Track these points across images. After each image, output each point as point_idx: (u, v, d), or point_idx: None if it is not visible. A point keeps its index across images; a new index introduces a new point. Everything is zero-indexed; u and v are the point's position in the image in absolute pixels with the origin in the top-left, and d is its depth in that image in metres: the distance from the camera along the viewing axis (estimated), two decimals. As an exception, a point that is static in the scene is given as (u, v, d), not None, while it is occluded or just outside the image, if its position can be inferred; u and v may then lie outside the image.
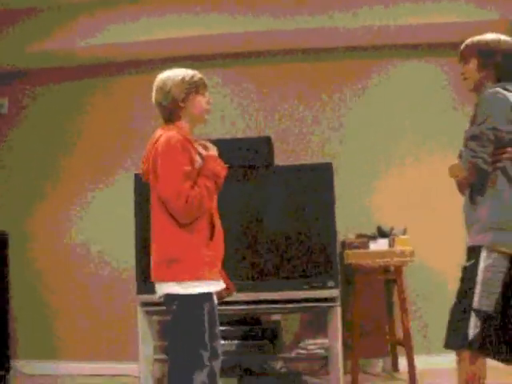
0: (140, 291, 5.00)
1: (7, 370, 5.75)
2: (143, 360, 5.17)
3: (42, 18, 5.79)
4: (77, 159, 6.20)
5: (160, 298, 3.29)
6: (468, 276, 3.11)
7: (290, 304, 4.99)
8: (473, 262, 3.11)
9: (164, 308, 3.28)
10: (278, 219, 5.17)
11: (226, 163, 3.38)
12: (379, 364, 5.60)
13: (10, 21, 5.82)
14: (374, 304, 3.71)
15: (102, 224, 6.09)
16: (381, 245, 5.15)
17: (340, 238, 5.33)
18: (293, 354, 5.25)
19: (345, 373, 5.08)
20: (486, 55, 3.25)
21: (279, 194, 5.17)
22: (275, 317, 5.52)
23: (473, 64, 3.27)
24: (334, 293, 4.96)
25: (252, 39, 5.68)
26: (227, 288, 3.47)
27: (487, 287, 3.05)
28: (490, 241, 3.08)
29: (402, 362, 5.28)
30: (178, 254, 3.14)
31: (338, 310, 4.96)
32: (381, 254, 5.10)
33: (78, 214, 6.17)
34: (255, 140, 5.50)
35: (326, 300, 4.95)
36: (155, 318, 5.23)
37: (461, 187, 3.35)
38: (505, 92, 3.13)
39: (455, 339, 3.11)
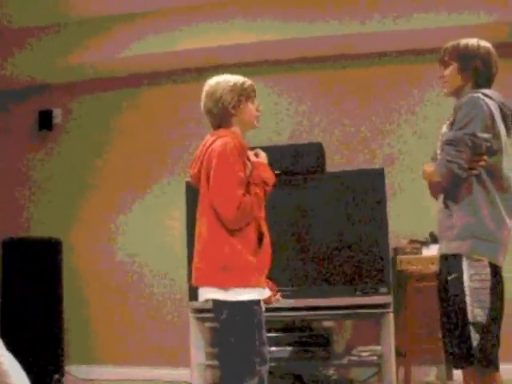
0: (192, 297, 5.01)
1: (62, 373, 5.82)
2: (195, 366, 5.20)
3: (83, 30, 5.93)
4: (122, 166, 6.28)
5: (204, 302, 3.30)
6: (454, 290, 3.07)
7: (341, 310, 4.97)
8: (456, 274, 3.06)
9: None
10: (330, 225, 5.15)
11: (276, 170, 3.37)
12: (433, 372, 5.53)
13: (51, 34, 5.98)
14: (427, 311, 3.66)
15: (151, 231, 6.14)
16: (433, 250, 5.08)
17: (392, 243, 5.28)
18: (345, 361, 5.22)
19: (397, 380, 5.04)
20: (466, 59, 3.21)
21: (331, 200, 5.15)
22: (327, 323, 5.49)
23: (453, 68, 3.23)
24: (387, 299, 4.92)
25: (302, 45, 5.67)
26: (273, 296, 3.46)
27: (477, 297, 3.01)
28: (469, 249, 3.05)
29: (458, 370, 5.20)
30: (226, 260, 3.13)
31: (391, 317, 4.93)
32: (433, 260, 5.02)
33: (126, 221, 6.25)
34: (307, 146, 5.49)
35: (378, 306, 4.92)
36: (207, 324, 5.25)
37: (433, 190, 3.31)
38: (485, 98, 3.08)
39: (461, 357, 3.07)
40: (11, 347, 3.77)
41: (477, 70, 3.20)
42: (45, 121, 6.41)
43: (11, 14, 5.73)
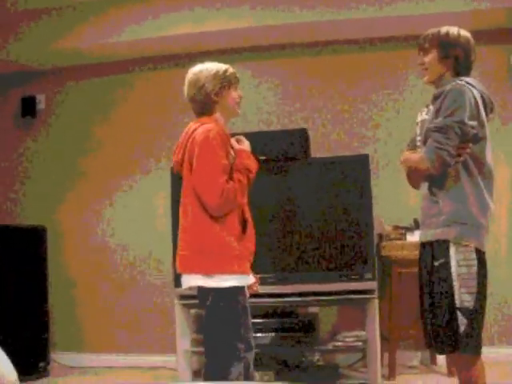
0: (177, 284, 5.00)
1: (47, 361, 5.82)
2: (181, 352, 5.20)
3: (71, 16, 5.87)
4: (109, 153, 6.27)
5: (187, 289, 3.31)
6: (441, 275, 3.10)
7: (326, 296, 4.97)
8: (442, 260, 3.09)
9: (201, 301, 3.30)
10: (315, 211, 5.15)
11: (260, 156, 3.39)
12: (417, 357, 5.57)
13: (40, 18, 5.92)
14: (412, 296, 3.69)
15: (137, 217, 6.15)
16: (417, 236, 5.10)
17: (377, 229, 5.29)
18: (330, 347, 5.24)
19: (382, 365, 5.07)
20: (447, 47, 3.23)
21: (315, 186, 5.16)
22: (312, 309, 5.51)
23: (433, 55, 3.26)
24: (371, 285, 4.94)
25: (287, 31, 5.66)
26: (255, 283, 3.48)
27: (465, 283, 3.05)
28: (456, 235, 3.08)
29: (441, 356, 5.24)
30: (210, 247, 3.15)
31: (376, 302, 4.95)
32: (418, 246, 5.05)
33: (112, 208, 6.24)
34: (291, 132, 5.48)
35: (363, 292, 4.94)
36: (192, 311, 5.26)
37: (413, 179, 3.34)
38: (469, 87, 3.12)
39: (447, 343, 3.10)
40: (-4, 335, 3.76)
41: (457, 58, 3.23)
42: (28, 107, 6.37)
43: (-5, 0, 5.69)
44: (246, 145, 3.37)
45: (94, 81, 6.36)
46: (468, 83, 3.14)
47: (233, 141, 3.34)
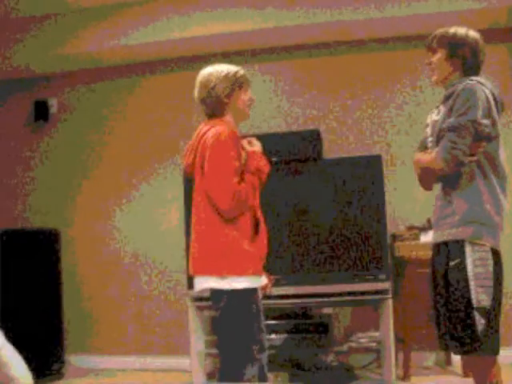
0: (190, 286, 5.00)
1: (62, 363, 5.84)
2: (195, 354, 5.20)
3: (80, 20, 5.90)
4: (120, 156, 6.28)
5: (201, 291, 3.31)
6: (457, 275, 3.08)
7: (340, 297, 4.96)
8: (458, 260, 3.08)
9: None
10: (328, 212, 5.14)
11: (273, 158, 3.38)
12: (432, 357, 5.55)
13: (47, 23, 5.95)
14: (426, 296, 3.67)
15: (150, 219, 6.15)
16: (431, 237, 5.09)
17: (390, 230, 5.28)
18: (344, 348, 5.23)
19: (397, 366, 5.05)
20: (455, 47, 3.23)
21: (329, 187, 5.15)
22: (326, 310, 5.50)
23: (441, 54, 3.25)
24: (385, 285, 4.93)
25: (299, 32, 5.64)
26: (269, 284, 3.47)
27: (481, 282, 3.03)
28: (472, 235, 3.07)
29: (456, 356, 5.22)
30: (223, 249, 3.15)
31: (390, 303, 4.93)
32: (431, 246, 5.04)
33: (124, 211, 6.25)
34: (304, 133, 5.48)
35: (377, 293, 4.92)
36: (206, 312, 5.26)
37: (426, 180, 3.33)
38: (481, 86, 3.11)
39: (465, 344, 3.08)
40: (11, 338, 3.77)
41: (465, 57, 3.23)
42: (41, 111, 6.39)
43: (7, 5, 5.70)
44: (257, 146, 3.36)
45: (104, 84, 6.37)
46: (479, 82, 3.13)
47: (244, 142, 3.34)
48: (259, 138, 3.45)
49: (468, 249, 3.06)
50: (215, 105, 3.31)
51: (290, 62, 6.01)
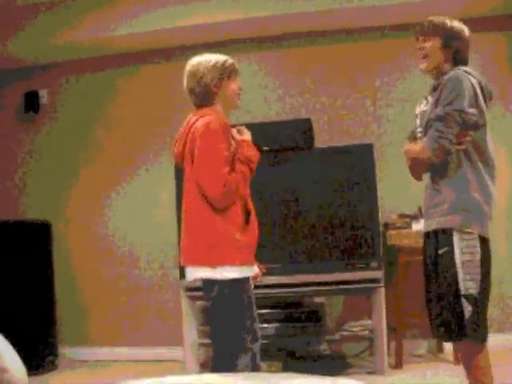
0: (183, 276, 5.00)
1: (56, 355, 5.84)
2: (188, 345, 5.21)
3: (70, 10, 5.85)
4: (112, 146, 6.26)
5: (192, 281, 3.32)
6: (446, 263, 3.11)
7: (333, 286, 4.98)
8: (446, 248, 3.11)
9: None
10: (320, 201, 5.15)
11: (264, 147, 3.38)
12: (423, 345, 5.57)
13: (40, 13, 5.90)
14: (418, 284, 3.69)
15: (142, 210, 6.14)
16: (422, 225, 5.10)
17: (382, 218, 5.28)
18: (337, 336, 5.25)
19: (389, 354, 5.07)
20: (451, 38, 3.25)
21: (321, 176, 5.15)
22: (318, 299, 5.51)
23: (436, 42, 3.26)
24: (378, 274, 4.95)
25: (290, 21, 5.63)
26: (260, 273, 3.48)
27: (469, 270, 3.06)
28: (460, 223, 3.10)
29: (448, 343, 5.24)
30: (214, 239, 3.15)
31: (382, 291, 4.95)
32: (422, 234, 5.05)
33: (116, 201, 6.24)
34: (295, 122, 5.48)
35: (369, 281, 4.94)
36: (199, 302, 5.26)
37: (416, 170, 3.34)
38: (468, 75, 3.13)
39: (453, 330, 3.11)
40: (4, 330, 3.77)
41: (458, 50, 3.26)
42: (31, 102, 6.36)
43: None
44: (247, 135, 3.36)
45: (95, 74, 6.34)
46: (465, 71, 3.16)
47: (234, 131, 3.34)
48: (249, 127, 3.45)
49: (456, 237, 3.09)
50: (204, 94, 3.30)
51: (280, 51, 6.00)
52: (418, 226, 5.04)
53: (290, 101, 5.95)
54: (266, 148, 3.90)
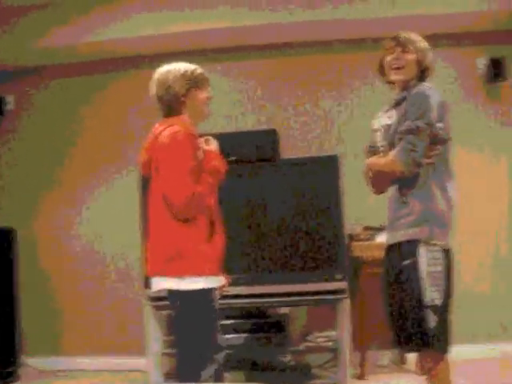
0: (147, 285, 4.98)
1: (17, 365, 5.77)
2: (151, 354, 5.19)
3: (43, 15, 5.79)
4: (80, 154, 6.22)
5: (157, 292, 3.30)
6: (411, 274, 3.13)
7: (297, 297, 4.99)
8: (411, 260, 3.14)
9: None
10: (285, 212, 5.16)
11: (230, 157, 3.37)
12: (387, 356, 5.60)
13: (13, 18, 5.83)
14: (381, 296, 3.72)
15: (108, 219, 6.11)
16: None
17: (347, 230, 5.31)
18: (301, 347, 5.26)
19: (353, 365, 5.09)
20: (424, 54, 3.32)
21: (286, 187, 5.17)
22: (283, 310, 5.51)
23: (413, 57, 3.31)
24: (342, 285, 4.96)
25: (256, 32, 5.66)
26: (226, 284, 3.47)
27: (434, 281, 3.10)
28: (427, 235, 3.13)
29: (411, 354, 5.27)
30: (180, 249, 3.13)
31: (346, 303, 4.97)
32: (387, 247, 5.09)
33: (84, 210, 6.20)
34: (261, 133, 5.49)
35: (333, 292, 4.96)
36: (164, 312, 5.24)
37: (380, 183, 3.37)
38: (433, 91, 3.20)
39: (416, 341, 3.14)
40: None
41: (427, 68, 3.33)
42: (-3, 108, 6.30)
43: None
44: (214, 146, 3.35)
45: (64, 81, 6.29)
46: (430, 87, 3.22)
47: (201, 141, 3.33)
48: (216, 137, 3.44)
49: (422, 249, 3.12)
50: (172, 103, 3.29)
51: (247, 61, 6.02)
52: (382, 239, 5.08)
53: (255, 112, 5.97)
54: (232, 158, 3.90)
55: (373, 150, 3.40)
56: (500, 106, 5.84)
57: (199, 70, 3.37)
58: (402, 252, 3.19)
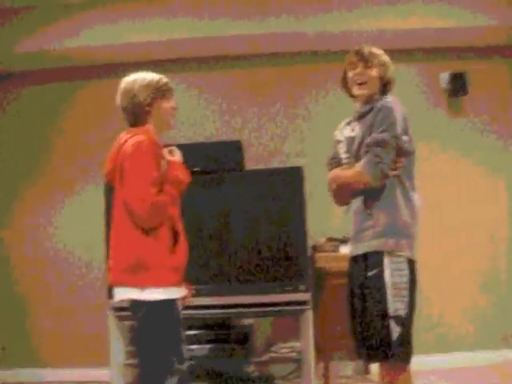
0: (111, 296, 4.95)
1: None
2: (114, 365, 5.15)
3: (15, 22, 5.74)
4: (55, 162, 6.17)
5: (120, 302, 3.28)
6: (375, 285, 3.17)
7: (261, 308, 4.99)
8: (376, 270, 3.17)
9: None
10: (249, 223, 5.17)
11: (194, 168, 3.37)
12: (350, 366, 5.62)
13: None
14: (344, 307, 3.74)
15: (74, 229, 6.06)
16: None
17: (311, 241, 5.33)
18: (265, 358, 5.26)
19: (317, 375, 5.10)
20: (386, 69, 3.38)
21: (250, 198, 5.18)
22: (247, 321, 5.51)
23: (376, 72, 3.35)
24: (306, 296, 4.98)
25: (221, 43, 5.68)
26: (188, 294, 3.46)
27: (398, 292, 3.14)
28: (392, 246, 3.17)
29: (374, 364, 5.30)
30: (142, 259, 3.11)
31: (310, 314, 4.99)
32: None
33: (51, 219, 6.14)
34: (225, 144, 5.50)
35: (297, 303, 4.97)
36: (126, 323, 5.21)
37: (343, 195, 3.40)
38: (398, 105, 3.25)
39: (379, 351, 3.17)
40: None
41: (389, 81, 3.38)
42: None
43: None
44: (178, 156, 3.34)
45: (41, 87, 6.23)
46: (394, 101, 3.26)
47: (165, 152, 3.31)
48: (180, 147, 3.43)
49: (386, 260, 3.15)
50: (137, 113, 3.28)
51: (212, 72, 6.03)
52: (346, 250, 5.10)
53: (220, 122, 5.98)
54: (196, 169, 3.89)
55: (336, 162, 3.42)
56: (461, 118, 5.94)
57: (164, 80, 3.36)
58: (367, 263, 3.22)
